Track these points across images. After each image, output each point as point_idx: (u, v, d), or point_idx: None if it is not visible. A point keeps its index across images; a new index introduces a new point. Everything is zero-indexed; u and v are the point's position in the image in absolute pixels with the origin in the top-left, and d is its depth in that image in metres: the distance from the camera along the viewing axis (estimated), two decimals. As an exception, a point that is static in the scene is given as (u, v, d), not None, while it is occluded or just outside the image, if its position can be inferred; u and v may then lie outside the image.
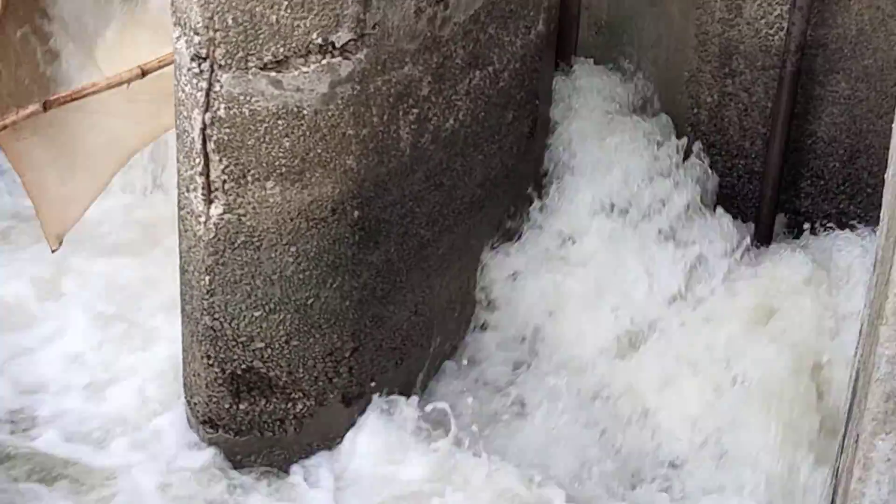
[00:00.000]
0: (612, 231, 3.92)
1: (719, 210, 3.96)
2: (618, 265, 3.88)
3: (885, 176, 2.54)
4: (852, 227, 3.88)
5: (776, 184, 3.95)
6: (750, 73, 3.92)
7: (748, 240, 3.91)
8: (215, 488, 3.46)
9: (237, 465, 3.61)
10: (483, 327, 4.03)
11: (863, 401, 2.10)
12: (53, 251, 4.06)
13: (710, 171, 4.02)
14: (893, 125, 2.49)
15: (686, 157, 3.99)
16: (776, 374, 3.59)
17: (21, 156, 4.03)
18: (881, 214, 2.65)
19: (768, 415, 3.60)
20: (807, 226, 3.97)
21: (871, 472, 1.99)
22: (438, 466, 3.52)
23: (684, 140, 4.01)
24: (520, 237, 4.07)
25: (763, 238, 3.95)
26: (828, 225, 3.93)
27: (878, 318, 2.06)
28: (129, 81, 3.83)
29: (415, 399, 3.73)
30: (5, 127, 3.84)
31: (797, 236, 4.00)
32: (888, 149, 2.82)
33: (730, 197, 4.06)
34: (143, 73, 3.83)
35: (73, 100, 3.89)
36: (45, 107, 3.82)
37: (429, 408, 3.65)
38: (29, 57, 4.19)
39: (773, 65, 3.79)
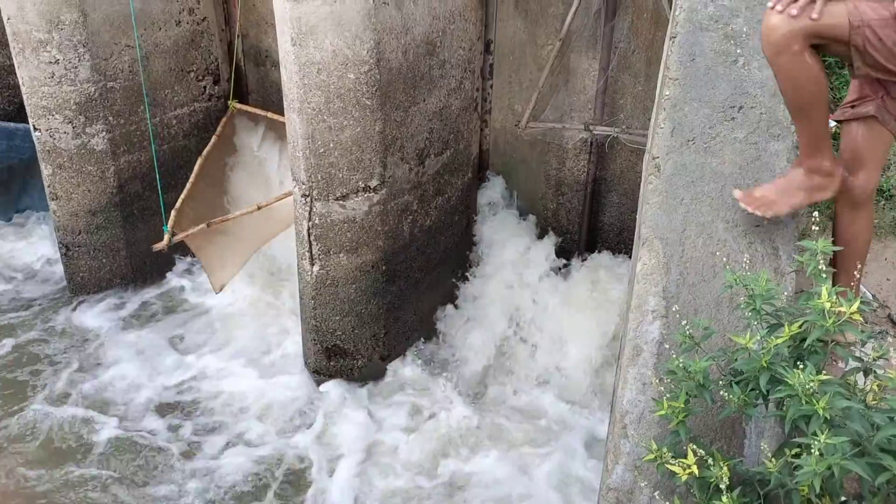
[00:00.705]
0: (511, 268, 4.58)
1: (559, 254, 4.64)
2: (512, 286, 4.53)
3: (637, 218, 2.60)
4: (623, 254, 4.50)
5: (584, 243, 4.68)
6: (571, 194, 4.59)
7: (574, 266, 4.59)
8: (316, 394, 4.39)
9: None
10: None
11: (624, 347, 2.36)
12: (217, 293, 4.80)
13: (554, 240, 4.70)
14: (641, 184, 2.55)
15: (543, 235, 4.71)
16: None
17: (198, 247, 4.75)
18: (633, 248, 2.87)
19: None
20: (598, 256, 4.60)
21: (630, 371, 2.17)
22: (423, 383, 4.39)
23: (539, 225, 4.68)
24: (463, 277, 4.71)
25: (580, 266, 4.61)
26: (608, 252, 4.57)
27: (629, 306, 2.34)
28: (251, 212, 4.72)
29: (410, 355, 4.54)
30: (187, 235, 4.64)
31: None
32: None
33: (564, 250, 4.69)
34: (259, 208, 4.70)
35: (223, 221, 4.72)
36: (209, 226, 4.67)
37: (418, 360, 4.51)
38: (213, 191, 4.99)
39: (580, 188, 4.52)
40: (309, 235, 4.08)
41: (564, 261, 4.65)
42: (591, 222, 4.60)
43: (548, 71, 4.23)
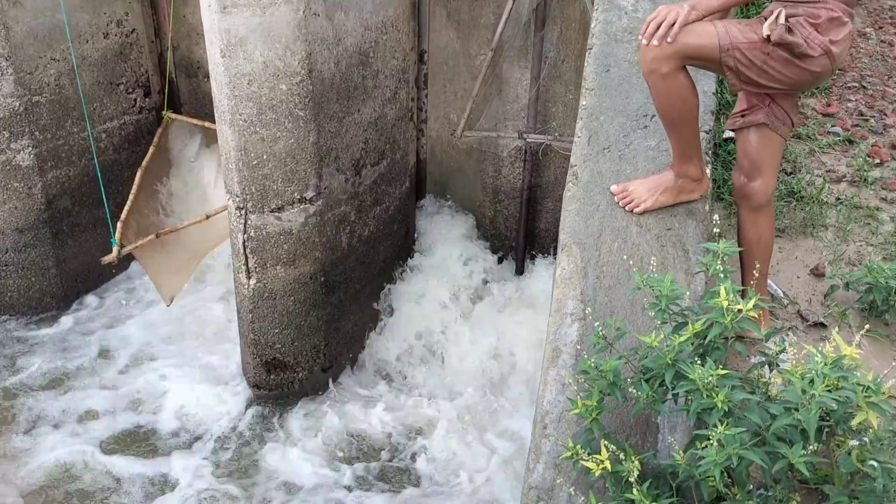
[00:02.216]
0: (449, 274, 4.66)
1: (497, 261, 4.75)
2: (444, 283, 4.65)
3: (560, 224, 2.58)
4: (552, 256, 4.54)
5: (522, 249, 4.73)
6: (507, 201, 4.69)
7: (512, 270, 4.72)
8: (257, 413, 4.31)
9: (268, 404, 4.32)
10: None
11: (547, 349, 2.38)
12: (168, 305, 4.74)
13: (489, 243, 4.78)
14: (564, 191, 2.57)
15: (481, 240, 4.81)
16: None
17: (146, 258, 4.69)
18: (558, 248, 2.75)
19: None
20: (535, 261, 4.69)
21: (550, 373, 2.28)
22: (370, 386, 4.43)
23: (478, 232, 4.77)
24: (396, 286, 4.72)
25: (519, 271, 4.77)
26: (545, 257, 4.68)
27: (552, 312, 2.41)
28: (199, 222, 4.65)
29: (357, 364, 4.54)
30: (136, 247, 4.57)
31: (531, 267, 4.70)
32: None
33: (502, 255, 4.78)
34: (207, 217, 4.65)
35: (171, 232, 4.66)
36: (157, 236, 4.62)
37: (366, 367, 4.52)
38: (154, 202, 4.99)
39: (517, 196, 4.62)
40: (245, 248, 4.07)
41: (500, 265, 4.77)
42: (527, 228, 4.71)
43: (481, 80, 4.33)
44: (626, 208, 2.41)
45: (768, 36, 2.11)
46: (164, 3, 4.78)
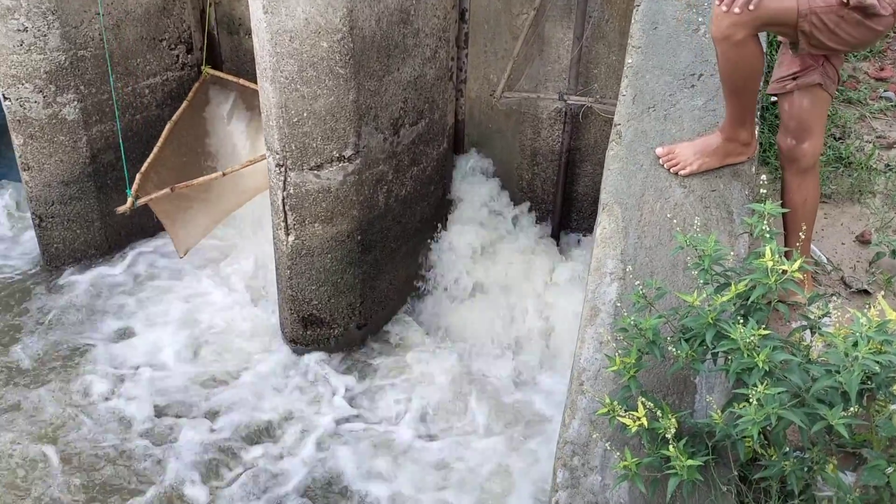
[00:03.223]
0: (481, 233, 4.68)
1: (534, 223, 4.73)
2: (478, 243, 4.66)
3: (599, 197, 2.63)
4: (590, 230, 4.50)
5: (559, 213, 4.72)
6: (546, 164, 4.65)
7: (549, 233, 4.73)
8: (293, 364, 4.44)
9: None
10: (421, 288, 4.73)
11: (584, 307, 2.44)
12: (181, 257, 4.81)
13: (527, 206, 4.76)
14: (607, 150, 2.56)
15: (518, 204, 4.77)
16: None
17: (162, 211, 4.74)
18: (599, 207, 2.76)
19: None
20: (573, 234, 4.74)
21: (588, 331, 2.34)
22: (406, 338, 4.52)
23: (514, 195, 4.74)
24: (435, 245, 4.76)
25: (555, 235, 4.77)
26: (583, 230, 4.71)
27: (592, 271, 2.43)
28: (216, 178, 4.67)
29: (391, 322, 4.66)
30: (150, 199, 4.59)
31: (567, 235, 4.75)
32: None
33: (538, 218, 4.78)
34: (224, 174, 4.67)
35: (187, 186, 4.67)
36: (172, 190, 4.62)
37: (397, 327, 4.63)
38: (181, 157, 5.01)
39: (555, 158, 4.56)
40: (284, 205, 4.12)
41: (537, 228, 4.77)
42: (565, 192, 4.69)
43: (522, 40, 4.28)
44: (672, 171, 2.39)
45: None
46: (206, -42, 4.73)
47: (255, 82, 4.06)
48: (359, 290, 4.43)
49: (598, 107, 4.27)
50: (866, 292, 2.54)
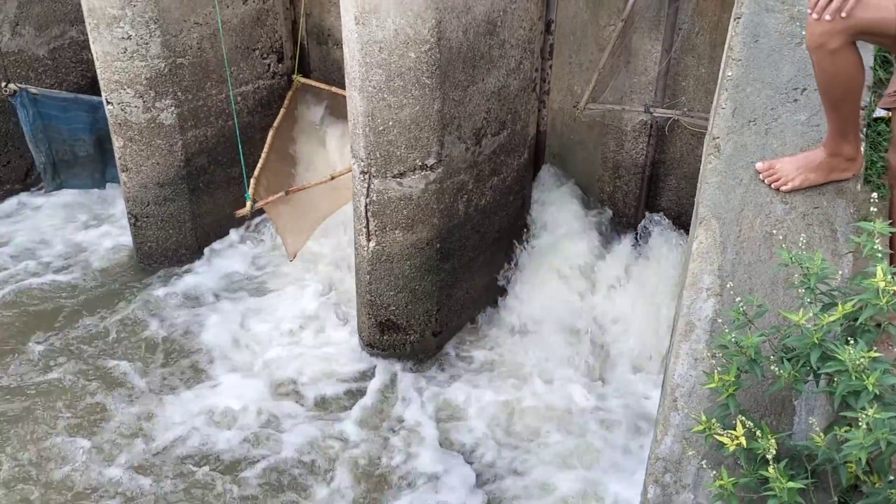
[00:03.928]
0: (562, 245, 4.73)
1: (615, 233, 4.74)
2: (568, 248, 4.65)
3: (696, 198, 2.63)
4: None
5: (637, 222, 4.71)
6: (628, 177, 4.62)
7: (630, 250, 4.69)
8: (369, 365, 4.59)
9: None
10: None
11: (677, 323, 2.40)
12: (291, 260, 4.99)
13: (607, 219, 4.79)
14: (701, 165, 2.62)
15: (599, 216, 4.75)
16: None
17: (276, 214, 4.93)
18: (691, 227, 2.89)
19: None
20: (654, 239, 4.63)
21: (682, 347, 2.74)
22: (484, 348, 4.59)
23: (596, 207, 4.75)
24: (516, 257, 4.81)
25: (637, 244, 4.68)
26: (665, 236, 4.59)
27: (683, 283, 2.51)
28: (325, 182, 4.84)
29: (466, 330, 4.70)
30: (267, 202, 4.82)
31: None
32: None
33: (620, 225, 4.77)
34: (332, 178, 4.85)
35: (299, 190, 4.89)
36: (287, 194, 4.84)
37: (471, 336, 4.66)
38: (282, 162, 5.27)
39: (638, 171, 4.53)
40: (366, 211, 4.19)
41: (619, 243, 4.73)
42: (648, 206, 4.64)
43: (609, 52, 4.26)
44: (773, 186, 2.33)
45: None
46: (299, -29, 4.89)
47: (343, 89, 4.18)
48: (436, 297, 4.48)
49: (686, 120, 4.22)
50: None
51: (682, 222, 4.58)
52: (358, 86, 3.87)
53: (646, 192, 4.59)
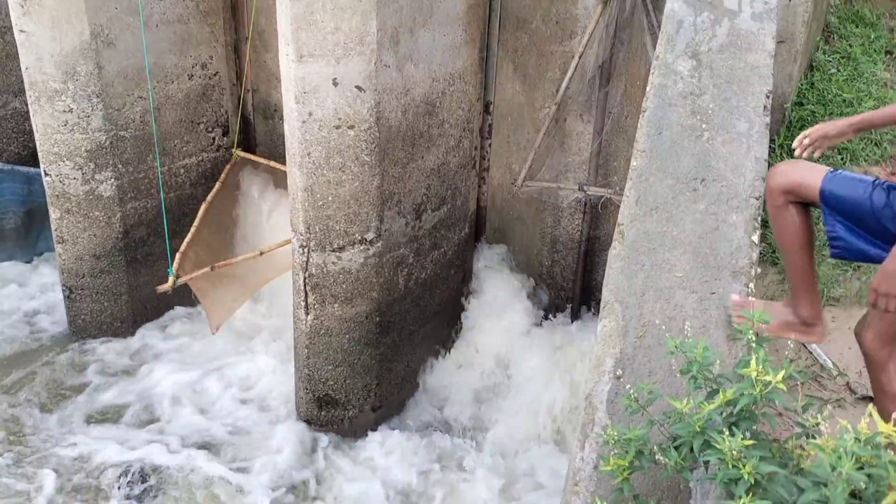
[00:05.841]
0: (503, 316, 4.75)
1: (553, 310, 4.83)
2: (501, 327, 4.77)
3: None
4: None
5: (577, 299, 4.81)
6: (565, 252, 4.77)
7: (566, 323, 4.81)
8: (309, 443, 4.50)
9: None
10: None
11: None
12: (213, 333, 4.94)
13: (545, 292, 4.89)
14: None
15: (537, 290, 4.86)
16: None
17: (201, 289, 4.89)
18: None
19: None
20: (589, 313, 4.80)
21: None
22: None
23: (534, 281, 4.85)
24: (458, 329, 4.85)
25: (573, 322, 4.82)
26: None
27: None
28: (253, 257, 4.84)
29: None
30: (191, 278, 4.76)
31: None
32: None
33: (555, 304, 4.88)
34: (261, 253, 4.82)
35: (227, 266, 4.84)
36: (212, 269, 4.81)
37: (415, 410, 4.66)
38: (216, 236, 5.20)
39: (574, 246, 4.72)
40: (305, 285, 4.24)
41: (554, 316, 4.83)
42: (584, 280, 4.77)
43: (544, 132, 4.47)
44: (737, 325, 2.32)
45: None
46: (245, 48, 5.11)
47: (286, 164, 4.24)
48: (375, 371, 4.52)
49: (617, 198, 4.40)
50: (871, 398, 2.54)
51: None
52: (298, 161, 4.00)
53: (582, 267, 4.75)
